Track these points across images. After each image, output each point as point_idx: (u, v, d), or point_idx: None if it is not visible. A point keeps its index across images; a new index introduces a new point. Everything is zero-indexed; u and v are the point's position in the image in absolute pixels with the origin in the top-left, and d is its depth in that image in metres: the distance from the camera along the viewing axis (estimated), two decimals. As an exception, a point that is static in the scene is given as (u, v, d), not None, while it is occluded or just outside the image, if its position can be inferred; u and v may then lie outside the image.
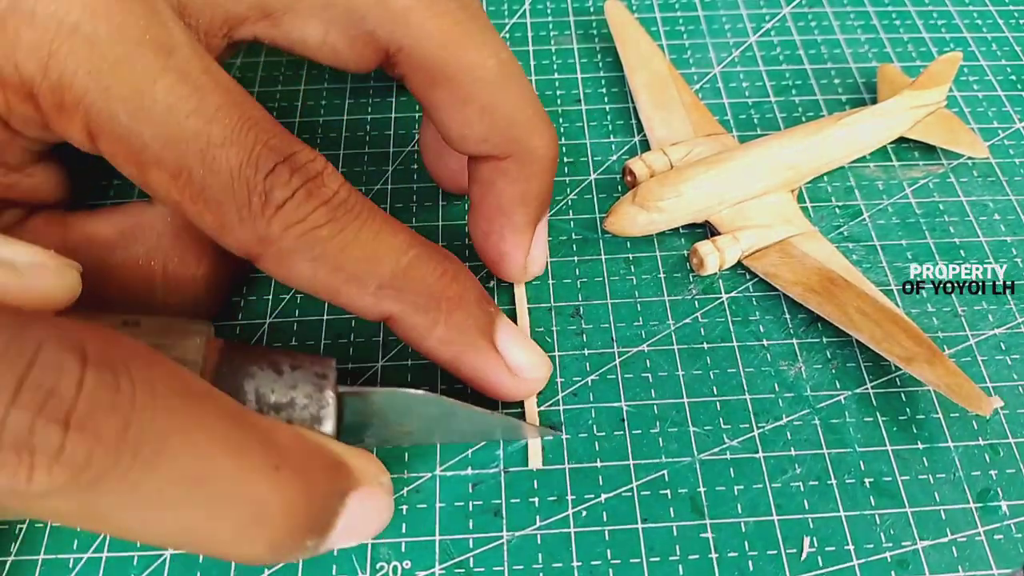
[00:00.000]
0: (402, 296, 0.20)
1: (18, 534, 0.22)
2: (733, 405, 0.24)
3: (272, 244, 0.19)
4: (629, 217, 0.26)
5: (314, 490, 0.17)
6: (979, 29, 0.34)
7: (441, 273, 0.21)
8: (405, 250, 0.20)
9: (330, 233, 0.19)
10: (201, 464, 0.15)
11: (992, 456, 0.23)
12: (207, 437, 0.15)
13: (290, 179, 0.18)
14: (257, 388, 0.19)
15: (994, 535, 0.22)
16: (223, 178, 0.18)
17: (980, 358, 0.25)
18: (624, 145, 0.30)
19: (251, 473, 0.15)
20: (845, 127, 0.27)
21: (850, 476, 0.22)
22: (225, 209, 0.18)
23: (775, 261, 0.26)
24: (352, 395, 0.20)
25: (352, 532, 0.18)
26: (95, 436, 0.13)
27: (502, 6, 0.36)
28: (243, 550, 0.16)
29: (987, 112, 0.31)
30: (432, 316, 0.21)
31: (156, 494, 0.14)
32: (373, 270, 0.20)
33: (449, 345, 0.21)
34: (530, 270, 0.25)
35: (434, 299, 0.21)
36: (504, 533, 0.22)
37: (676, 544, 0.21)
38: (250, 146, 0.18)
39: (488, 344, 0.22)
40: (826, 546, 0.21)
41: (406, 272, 0.20)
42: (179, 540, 0.16)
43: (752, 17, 0.35)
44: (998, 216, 0.28)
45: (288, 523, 0.16)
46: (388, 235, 0.20)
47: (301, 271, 0.19)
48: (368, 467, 0.18)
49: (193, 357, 0.18)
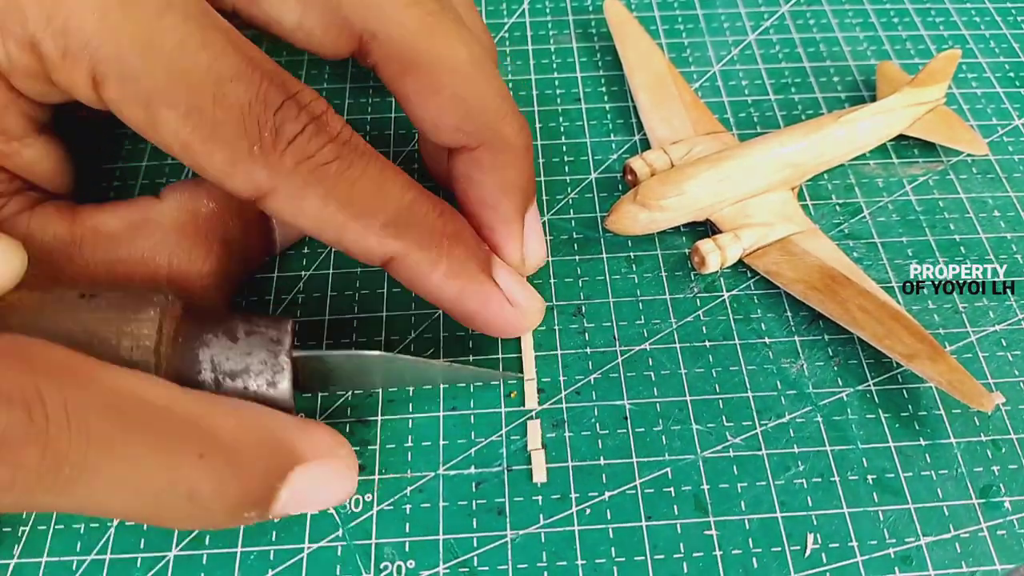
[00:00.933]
0: (406, 233, 0.21)
1: (21, 536, 0.21)
2: (736, 403, 0.24)
3: (284, 180, 0.19)
4: (630, 216, 0.26)
5: (246, 470, 0.18)
6: (977, 26, 0.35)
7: (440, 212, 0.22)
8: (407, 189, 0.21)
9: (339, 169, 0.20)
10: (123, 467, 0.16)
11: (994, 452, 0.23)
12: (126, 442, 0.16)
13: (298, 115, 0.19)
14: (212, 357, 0.19)
15: (997, 531, 0.22)
16: (234, 114, 0.18)
17: (981, 354, 0.25)
18: (624, 144, 0.30)
19: (178, 463, 0.16)
20: (845, 125, 0.27)
21: (853, 473, 0.22)
22: (236, 146, 0.18)
23: (776, 259, 0.26)
24: (307, 359, 0.21)
25: (303, 503, 0.19)
26: (15, 465, 0.15)
27: (501, 5, 0.36)
28: (183, 526, 0.18)
29: (986, 109, 0.31)
30: (435, 253, 0.21)
31: (88, 496, 0.16)
32: (380, 206, 0.20)
33: (453, 280, 0.22)
34: (529, 262, 0.25)
35: (435, 236, 0.21)
36: (508, 532, 0.22)
37: (680, 542, 0.21)
38: (257, 83, 0.19)
39: (488, 278, 0.22)
40: (830, 543, 0.21)
41: (409, 209, 0.21)
42: (128, 519, 0.18)
43: (751, 15, 0.35)
44: (998, 213, 0.28)
45: (222, 503, 0.17)
46: (391, 174, 0.21)
47: (311, 207, 0.20)
48: (320, 440, 0.19)
49: (147, 331, 0.18)
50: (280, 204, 0.20)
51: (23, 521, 0.22)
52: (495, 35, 0.34)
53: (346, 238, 0.20)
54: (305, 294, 0.26)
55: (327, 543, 0.22)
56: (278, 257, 0.27)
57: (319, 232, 0.20)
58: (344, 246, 0.21)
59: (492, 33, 0.34)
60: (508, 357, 0.25)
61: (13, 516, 0.22)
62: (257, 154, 0.19)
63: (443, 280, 0.21)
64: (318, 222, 0.20)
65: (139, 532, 0.22)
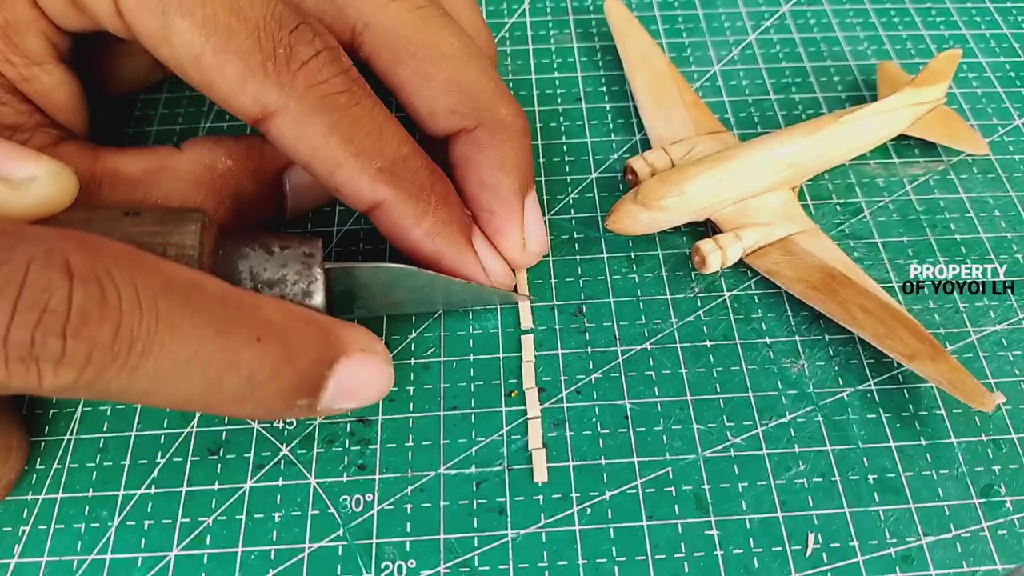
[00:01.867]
0: (399, 182, 0.21)
1: (21, 536, 0.21)
2: (736, 402, 0.24)
3: (293, 101, 0.20)
4: (631, 216, 0.26)
5: (298, 356, 0.18)
6: (978, 26, 0.35)
7: (431, 171, 0.22)
8: (405, 142, 0.22)
9: (347, 103, 0.20)
10: (190, 346, 0.17)
11: (995, 452, 0.23)
12: (191, 323, 0.17)
13: (312, 40, 0.20)
14: (251, 267, 0.21)
15: (998, 530, 0.22)
16: (249, 26, 0.19)
17: (982, 354, 0.25)
18: (625, 144, 0.30)
19: (236, 347, 0.17)
20: (845, 125, 0.27)
21: (854, 472, 0.22)
22: (249, 60, 0.19)
23: (777, 259, 0.26)
24: (339, 271, 0.22)
25: (348, 395, 0.20)
26: (90, 342, 0.15)
27: (501, 5, 0.36)
28: (241, 410, 0.18)
29: (986, 109, 0.31)
30: (422, 207, 0.22)
31: (155, 376, 0.16)
32: (378, 150, 0.21)
33: (434, 238, 0.22)
34: (530, 247, 0.25)
35: (425, 191, 0.22)
36: (508, 531, 0.22)
37: (681, 541, 0.21)
38: (272, 3, 0.19)
39: (468, 243, 0.23)
40: (831, 542, 0.21)
41: (405, 160, 0.21)
42: (185, 405, 0.18)
43: (751, 15, 0.35)
44: (998, 212, 0.28)
45: (276, 386, 0.18)
46: (393, 124, 0.21)
47: (314, 135, 0.20)
48: (359, 336, 0.20)
49: (191, 242, 0.19)
50: (283, 127, 0.20)
51: (23, 521, 0.22)
52: (495, 35, 0.34)
53: (339, 175, 0.21)
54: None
55: (328, 543, 0.22)
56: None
57: (313, 164, 0.21)
58: (334, 184, 0.21)
59: (492, 33, 0.34)
60: (508, 357, 0.25)
61: (14, 515, 0.22)
62: (270, 70, 0.19)
63: (424, 236, 0.22)
64: (317, 153, 0.20)
65: (140, 532, 0.22)
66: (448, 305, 0.25)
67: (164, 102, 0.31)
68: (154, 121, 0.31)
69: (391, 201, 0.21)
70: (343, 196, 0.22)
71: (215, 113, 0.31)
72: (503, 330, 0.25)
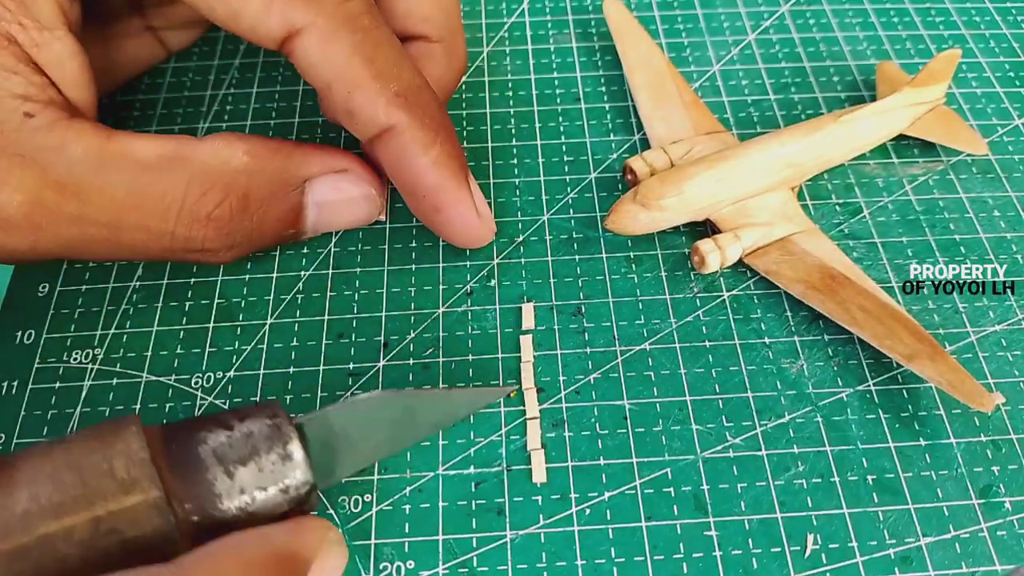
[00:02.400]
0: (413, 108, 0.22)
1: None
2: (735, 403, 0.24)
3: (322, 18, 0.21)
4: (630, 216, 0.26)
5: None
6: (977, 26, 0.35)
7: (440, 104, 0.23)
8: (418, 73, 0.23)
9: (371, 24, 0.21)
10: None
11: (994, 452, 0.23)
12: None
13: None
14: (214, 450, 0.18)
15: (997, 531, 0.22)
16: None
17: (981, 354, 0.25)
18: (624, 143, 0.30)
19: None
20: (845, 125, 0.27)
21: (853, 473, 0.22)
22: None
23: (776, 259, 0.26)
24: (310, 420, 0.19)
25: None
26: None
27: (501, 5, 0.36)
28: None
29: (986, 109, 0.31)
30: (431, 136, 0.22)
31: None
32: (397, 75, 0.22)
33: (440, 168, 0.23)
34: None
35: (436, 121, 0.23)
36: (507, 532, 0.22)
37: (680, 542, 0.21)
38: None
39: (467, 180, 0.24)
40: (830, 543, 0.21)
41: (419, 89, 0.22)
42: None
43: (751, 15, 0.35)
44: (998, 213, 0.28)
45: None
46: (407, 55, 0.23)
47: (339, 52, 0.21)
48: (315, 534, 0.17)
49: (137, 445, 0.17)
50: (309, 46, 0.21)
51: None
52: (495, 35, 0.34)
53: (358, 97, 0.21)
54: (305, 294, 0.26)
55: (326, 543, 0.21)
56: (277, 257, 0.27)
57: (333, 85, 0.21)
58: (351, 106, 0.22)
59: (492, 33, 0.34)
60: (507, 356, 0.25)
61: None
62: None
63: (429, 166, 0.23)
64: (339, 72, 0.21)
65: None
66: (434, 427, 0.23)
67: (164, 102, 0.31)
68: (153, 121, 0.31)
69: (403, 126, 0.22)
70: (356, 120, 0.22)
71: (215, 113, 0.31)
72: (502, 330, 0.25)
